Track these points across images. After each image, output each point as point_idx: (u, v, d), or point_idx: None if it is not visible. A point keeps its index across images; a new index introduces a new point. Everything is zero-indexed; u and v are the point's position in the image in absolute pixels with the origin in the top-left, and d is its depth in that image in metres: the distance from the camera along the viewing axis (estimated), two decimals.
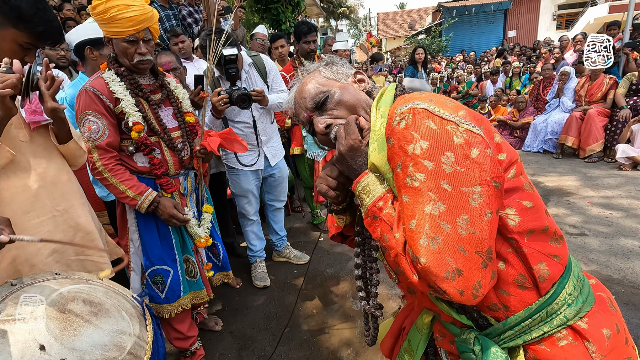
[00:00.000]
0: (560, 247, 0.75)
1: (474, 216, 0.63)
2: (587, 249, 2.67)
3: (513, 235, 0.71)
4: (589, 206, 3.42)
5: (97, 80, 1.57)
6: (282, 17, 8.53)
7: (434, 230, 0.63)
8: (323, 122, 0.86)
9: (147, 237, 1.70)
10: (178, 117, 1.77)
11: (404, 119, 0.69)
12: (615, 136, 4.58)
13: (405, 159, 0.67)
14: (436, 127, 0.66)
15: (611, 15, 15.79)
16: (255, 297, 2.45)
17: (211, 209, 1.93)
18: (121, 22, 1.45)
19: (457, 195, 0.64)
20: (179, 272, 1.74)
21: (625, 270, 2.37)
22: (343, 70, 0.94)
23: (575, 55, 6.51)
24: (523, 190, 0.73)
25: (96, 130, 1.54)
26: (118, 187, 1.57)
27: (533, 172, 4.60)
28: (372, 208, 0.75)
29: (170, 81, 1.79)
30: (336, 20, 30.49)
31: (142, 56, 1.56)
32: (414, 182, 0.66)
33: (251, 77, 2.33)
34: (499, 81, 7.77)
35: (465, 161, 0.65)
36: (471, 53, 11.93)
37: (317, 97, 0.88)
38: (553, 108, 5.48)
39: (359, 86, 0.92)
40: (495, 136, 0.73)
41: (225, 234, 3.00)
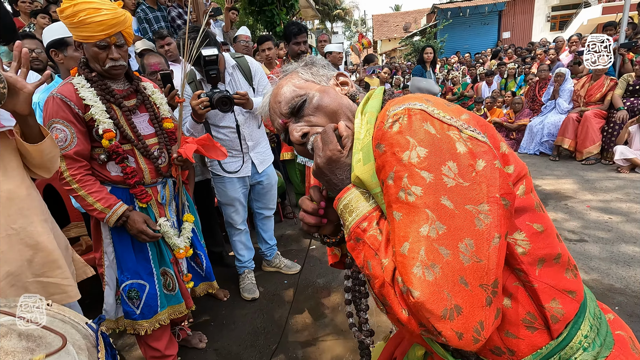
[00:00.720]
0: (576, 280, 0.64)
1: (480, 241, 0.53)
2: (588, 256, 2.58)
3: (522, 265, 0.60)
4: (587, 210, 3.34)
5: (66, 86, 1.49)
6: (276, 19, 8.46)
7: (431, 256, 0.52)
8: (299, 130, 0.76)
9: (121, 250, 1.61)
10: (154, 123, 1.68)
11: (398, 121, 0.58)
12: (612, 138, 4.52)
13: (398, 168, 0.57)
14: (436, 131, 0.56)
15: (605, 17, 15.88)
16: (243, 310, 2.34)
17: (192, 218, 1.83)
18: (91, 26, 1.36)
19: (461, 215, 0.53)
20: (156, 286, 1.65)
21: (628, 279, 2.28)
22: (324, 71, 0.84)
23: (571, 56, 6.47)
24: (534, 210, 0.62)
25: (63, 138, 1.45)
26: (86, 199, 1.48)
27: (530, 175, 4.51)
28: (356, 229, 0.65)
29: (147, 86, 1.70)
30: (331, 22, 30.48)
31: (114, 61, 1.48)
32: (409, 197, 0.55)
33: (235, 79, 2.22)
34: (494, 82, 7.72)
35: (471, 174, 0.54)
36: (466, 54, 11.90)
37: (293, 102, 0.77)
38: (549, 110, 5.41)
39: (342, 90, 0.82)
40: (501, 145, 0.63)
41: (213, 242, 2.89)
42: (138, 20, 4.22)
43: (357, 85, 0.87)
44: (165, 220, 1.67)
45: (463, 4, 17.33)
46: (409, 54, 15.32)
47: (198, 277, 1.92)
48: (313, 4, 17.11)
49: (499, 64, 8.41)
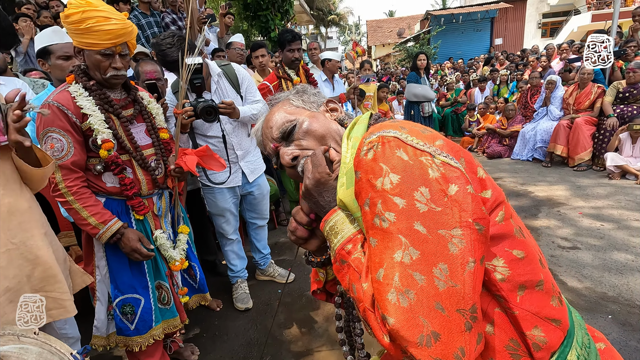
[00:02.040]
0: (562, 308, 0.63)
1: (454, 265, 0.53)
2: (580, 263, 2.60)
3: (502, 292, 0.60)
4: (580, 217, 3.36)
5: (63, 94, 1.44)
6: (271, 25, 8.48)
7: (405, 282, 0.52)
8: (290, 153, 0.79)
9: (115, 264, 1.56)
10: (151, 133, 1.65)
11: (372, 149, 0.60)
12: (603, 145, 4.57)
13: (373, 195, 0.58)
14: (408, 158, 0.57)
15: (594, 24, 16.18)
16: (236, 321, 2.31)
17: (187, 229, 1.80)
18: (98, 34, 1.34)
19: (434, 240, 0.53)
20: (151, 300, 1.61)
21: (620, 287, 2.29)
22: (314, 99, 0.88)
23: (562, 64, 6.56)
24: (513, 237, 0.62)
25: (60, 148, 1.40)
26: (80, 213, 1.43)
27: (523, 181, 4.55)
28: (341, 251, 0.66)
29: (144, 96, 1.68)
30: (326, 27, 30.65)
31: (116, 71, 1.45)
32: (383, 223, 0.56)
33: (222, 87, 2.18)
34: (487, 89, 7.79)
35: (443, 199, 0.55)
36: (459, 60, 12.02)
37: (283, 126, 0.81)
38: (541, 116, 5.47)
39: (331, 115, 0.86)
40: (478, 170, 0.64)
41: (206, 251, 2.86)
42: None
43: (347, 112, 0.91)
44: (161, 232, 1.64)
45: (456, 10, 17.54)
46: (403, 59, 15.44)
47: (191, 289, 1.89)
48: (308, 10, 17.18)
49: (491, 70, 8.50)
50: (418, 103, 5.21)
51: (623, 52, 5.16)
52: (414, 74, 5.14)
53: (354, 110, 3.98)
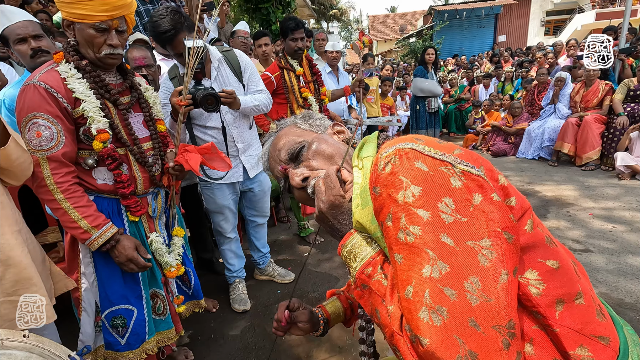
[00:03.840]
0: (607, 323, 0.57)
1: (487, 278, 0.50)
2: (594, 267, 2.49)
3: (539, 308, 0.55)
4: (590, 218, 3.25)
5: (50, 74, 1.24)
6: (272, 17, 8.33)
7: (436, 298, 0.49)
8: (299, 174, 0.77)
9: (105, 271, 1.39)
10: (149, 125, 1.47)
11: (390, 162, 0.58)
12: (612, 144, 4.45)
13: (395, 209, 0.55)
14: (428, 168, 0.55)
15: (598, 22, 16.02)
16: (233, 324, 2.19)
17: (183, 231, 1.65)
18: (92, 4, 1.16)
19: (463, 252, 0.50)
20: (145, 311, 1.44)
21: (637, 293, 2.18)
22: (320, 122, 0.89)
23: (569, 61, 6.42)
24: (545, 245, 0.58)
25: (49, 137, 1.21)
26: (69, 214, 1.24)
27: (529, 180, 4.44)
28: (361, 276, 0.64)
29: (140, 82, 1.51)
30: (327, 22, 30.35)
31: (113, 49, 1.26)
32: (408, 238, 0.53)
33: (222, 74, 2.03)
34: (492, 85, 7.66)
35: (468, 208, 0.52)
36: (462, 57, 11.86)
37: (292, 147, 0.81)
38: (548, 114, 5.35)
39: (338, 137, 0.87)
40: (499, 178, 0.60)
41: (203, 249, 2.74)
42: None
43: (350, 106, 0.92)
44: (157, 236, 1.48)
45: (460, 6, 17.31)
46: (405, 55, 15.25)
47: (184, 296, 1.75)
48: (309, 4, 16.95)
49: (495, 67, 8.36)
50: (424, 98, 5.08)
51: (633, 49, 5.03)
52: (422, 69, 5.00)
53: (358, 104, 3.85)
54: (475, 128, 6.69)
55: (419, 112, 5.18)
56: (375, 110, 4.76)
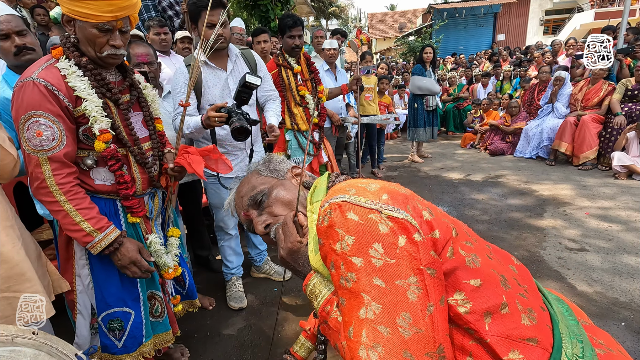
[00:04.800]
0: (535, 325, 0.61)
1: (416, 312, 0.56)
2: (589, 266, 2.50)
3: (470, 324, 0.61)
4: (586, 218, 3.26)
5: (50, 70, 1.18)
6: (270, 14, 8.28)
7: (372, 337, 0.55)
8: (262, 222, 0.85)
9: (101, 273, 1.35)
10: (149, 124, 1.44)
11: (327, 216, 0.65)
12: (609, 143, 4.47)
13: (335, 258, 0.62)
14: (359, 218, 0.61)
15: (597, 22, 16.04)
16: (230, 321, 2.19)
17: (178, 232, 1.63)
18: (97, 4, 1.11)
19: (393, 291, 0.57)
20: (142, 314, 1.42)
21: (632, 292, 2.19)
22: (280, 166, 0.96)
23: (567, 60, 6.43)
24: (466, 267, 0.64)
25: (50, 136, 1.16)
26: (72, 216, 1.20)
27: (527, 180, 4.45)
28: (322, 313, 0.71)
29: (139, 79, 1.47)
30: (326, 19, 30.28)
31: (115, 49, 1.22)
32: (347, 283, 0.60)
33: (239, 68, 2.10)
34: (490, 84, 7.67)
35: (395, 251, 0.58)
36: (461, 55, 11.85)
37: (252, 196, 0.88)
38: (545, 113, 5.35)
39: (297, 180, 0.93)
40: (424, 214, 0.65)
41: (200, 246, 2.74)
42: None
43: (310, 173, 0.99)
44: (155, 237, 1.46)
45: (459, 4, 17.28)
46: (404, 53, 15.22)
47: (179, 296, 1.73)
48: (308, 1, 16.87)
49: (494, 66, 8.36)
50: (422, 96, 5.07)
51: (631, 50, 5.04)
52: (420, 67, 4.99)
53: (356, 102, 3.85)
54: (474, 127, 6.70)
55: (417, 110, 5.17)
56: (373, 109, 4.76)
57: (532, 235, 3.01)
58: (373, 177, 5.02)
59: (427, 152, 6.17)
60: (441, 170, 5.17)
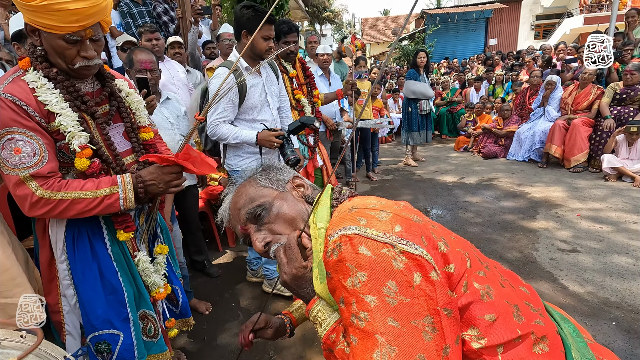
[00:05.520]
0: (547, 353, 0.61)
1: (431, 354, 0.54)
2: (581, 267, 2.54)
3: (483, 356, 0.61)
4: (578, 219, 3.31)
5: (17, 83, 1.07)
6: None
7: None
8: (262, 240, 0.79)
9: (86, 292, 1.25)
10: (131, 135, 1.33)
11: (337, 249, 0.61)
12: (599, 146, 4.55)
13: (346, 294, 0.60)
14: (371, 253, 0.58)
15: (586, 27, 16.34)
16: (226, 326, 2.19)
17: (166, 248, 1.51)
18: (60, 14, 0.98)
19: (408, 332, 0.55)
20: (133, 335, 1.31)
21: (623, 292, 2.23)
22: (281, 175, 0.88)
23: (558, 64, 6.54)
24: (481, 302, 0.62)
25: (30, 152, 1.05)
26: (84, 197, 1.11)
27: (519, 182, 4.51)
28: (327, 341, 0.69)
29: (122, 85, 1.34)
30: (321, 24, 30.46)
31: (87, 61, 1.10)
32: (360, 322, 0.57)
33: (270, 76, 2.26)
34: (482, 88, 7.77)
35: (410, 289, 0.56)
36: (454, 59, 11.99)
37: (251, 209, 0.80)
38: (537, 117, 5.44)
39: (298, 192, 0.86)
40: (439, 245, 0.63)
41: (196, 251, 2.74)
42: (121, 14, 4.03)
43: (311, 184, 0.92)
44: (144, 255, 1.37)
45: (451, 10, 17.52)
46: (398, 58, 15.37)
47: (172, 315, 1.62)
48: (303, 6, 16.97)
49: (487, 70, 8.47)
50: (416, 100, 5.13)
51: (619, 54, 5.14)
52: (414, 72, 5.05)
53: (350, 107, 3.88)
54: (467, 130, 6.77)
55: (411, 114, 5.23)
56: (366, 113, 4.80)
57: (524, 237, 3.05)
58: (368, 180, 5.05)
59: (422, 156, 6.22)
60: (435, 174, 5.22)
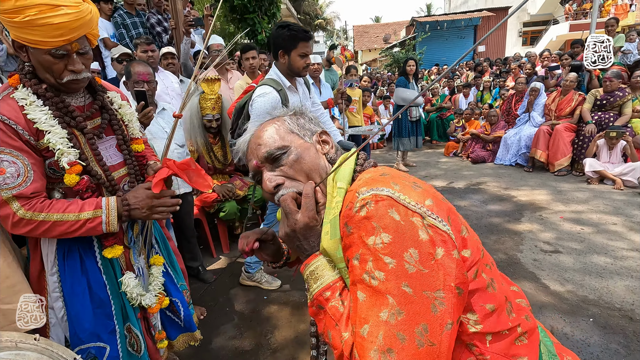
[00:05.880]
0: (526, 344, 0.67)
1: (434, 325, 0.56)
2: (562, 267, 2.65)
3: (474, 341, 0.64)
4: (561, 221, 3.44)
5: (6, 102, 1.08)
6: (258, 28, 8.43)
7: (388, 341, 0.55)
8: (273, 181, 0.77)
9: (75, 306, 1.27)
10: (123, 148, 1.32)
11: (366, 206, 0.61)
12: (582, 150, 4.71)
13: (364, 251, 0.60)
14: (400, 218, 0.59)
15: (572, 33, 16.77)
16: (221, 330, 2.25)
17: (161, 259, 1.51)
18: (44, 29, 0.99)
19: (419, 301, 0.56)
20: (119, 347, 1.32)
21: (601, 290, 2.34)
22: (309, 126, 0.86)
23: (543, 71, 6.74)
24: (485, 291, 0.66)
25: (14, 173, 1.06)
26: (66, 219, 1.11)
27: (506, 186, 4.64)
28: (319, 297, 0.68)
29: (114, 98, 1.34)
30: (313, 31, 30.78)
31: (75, 74, 1.11)
32: (373, 281, 0.58)
33: (303, 88, 2.41)
34: (471, 95, 7.95)
35: (430, 261, 0.57)
36: (444, 66, 12.23)
37: (272, 150, 0.78)
38: (523, 122, 5.60)
39: (322, 148, 0.84)
40: (462, 229, 0.66)
41: (191, 257, 2.80)
42: (115, 25, 4.11)
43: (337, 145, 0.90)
44: (130, 277, 1.33)
45: (441, 18, 17.89)
46: (389, 64, 15.62)
47: (175, 328, 1.60)
48: (295, 13, 17.18)
49: (475, 76, 8.68)
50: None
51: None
52: (403, 79, 5.19)
53: (341, 115, 3.98)
54: (456, 136, 6.93)
55: (402, 121, 5.36)
56: (358, 120, 4.92)
57: (510, 239, 3.16)
58: None
59: (412, 161, 6.35)
60: (425, 178, 5.33)
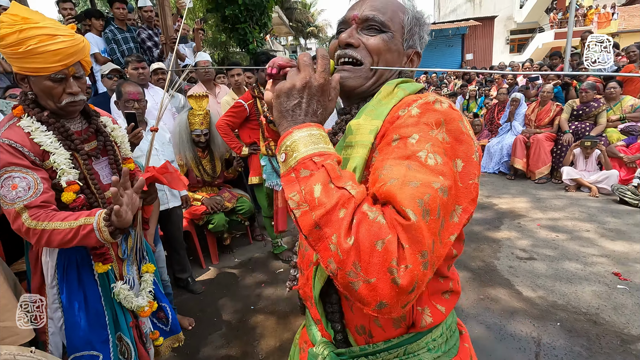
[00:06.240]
0: (448, 300, 0.75)
1: (465, 211, 0.60)
2: (535, 273, 2.79)
3: (448, 262, 0.74)
4: (537, 229, 3.59)
5: (13, 130, 1.22)
6: (249, 37, 8.55)
7: (430, 206, 0.52)
8: (353, 38, 0.74)
9: (72, 316, 1.37)
10: (114, 168, 1.47)
11: (439, 102, 0.64)
12: (560, 159, 4.90)
13: (423, 135, 0.60)
14: (465, 131, 0.63)
15: (556, 41, 17.22)
16: (209, 339, 2.34)
17: (153, 267, 1.64)
18: (44, 56, 1.15)
19: (463, 189, 0.60)
20: (111, 355, 1.42)
21: (569, 295, 2.48)
22: (414, 40, 0.80)
23: (524, 81, 6.98)
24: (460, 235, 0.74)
25: (26, 187, 1.18)
26: (62, 227, 1.19)
27: (488, 194, 4.80)
28: (305, 160, 0.57)
29: (106, 122, 1.51)
30: (305, 39, 31.05)
31: (73, 96, 1.26)
32: (429, 160, 0.57)
33: None
34: (457, 103, 8.15)
35: (472, 156, 0.62)
36: (432, 75, 12.49)
37: (378, 18, 0.74)
38: (505, 131, 5.79)
39: (405, 61, 0.80)
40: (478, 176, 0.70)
41: (180, 269, 2.88)
42: (106, 40, 4.19)
43: None
44: (122, 285, 1.44)
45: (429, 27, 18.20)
46: None
47: (162, 333, 1.72)
48: (286, 22, 17.40)
49: (461, 85, 8.90)
50: None
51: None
52: None
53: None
54: None
55: None
56: None
57: (488, 246, 3.30)
58: None
59: None
60: None
